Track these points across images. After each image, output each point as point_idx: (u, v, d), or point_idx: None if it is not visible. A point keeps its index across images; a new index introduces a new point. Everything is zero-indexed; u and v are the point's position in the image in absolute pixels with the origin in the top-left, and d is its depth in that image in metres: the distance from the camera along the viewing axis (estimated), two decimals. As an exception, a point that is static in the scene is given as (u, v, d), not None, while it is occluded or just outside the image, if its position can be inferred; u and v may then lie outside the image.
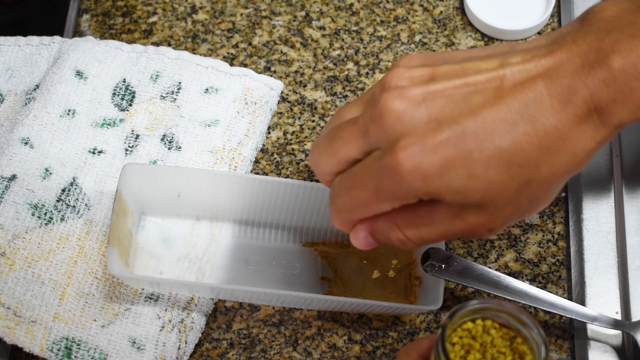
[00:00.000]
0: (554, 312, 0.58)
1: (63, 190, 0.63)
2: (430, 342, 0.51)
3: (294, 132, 0.70)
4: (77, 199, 0.63)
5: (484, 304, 0.47)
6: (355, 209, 0.50)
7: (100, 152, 0.65)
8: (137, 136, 0.66)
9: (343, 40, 0.74)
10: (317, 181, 0.67)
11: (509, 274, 0.63)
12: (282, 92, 0.71)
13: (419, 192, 0.47)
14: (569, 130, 0.46)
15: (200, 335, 0.61)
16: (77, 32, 0.74)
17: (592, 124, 0.46)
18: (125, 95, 0.68)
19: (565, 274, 0.64)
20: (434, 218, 0.49)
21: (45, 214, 0.62)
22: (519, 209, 0.48)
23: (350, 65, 0.73)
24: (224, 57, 0.73)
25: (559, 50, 0.46)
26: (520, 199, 0.47)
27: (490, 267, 0.62)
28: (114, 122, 0.67)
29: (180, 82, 0.68)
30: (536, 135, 0.45)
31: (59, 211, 0.62)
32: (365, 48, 0.73)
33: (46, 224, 0.61)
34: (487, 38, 0.74)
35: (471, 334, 0.48)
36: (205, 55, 0.72)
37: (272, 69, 0.72)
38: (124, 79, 0.68)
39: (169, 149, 0.66)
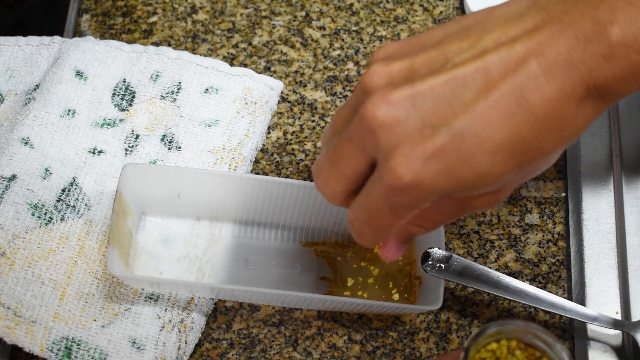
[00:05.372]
0: (554, 312, 0.58)
1: (63, 190, 0.63)
2: (454, 358, 0.50)
3: (294, 132, 0.70)
4: (77, 199, 0.63)
5: (509, 325, 0.46)
6: (382, 233, 0.49)
7: (100, 152, 0.65)
8: (137, 136, 0.66)
9: (343, 40, 0.74)
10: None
11: (509, 274, 0.63)
12: (282, 92, 0.71)
13: (430, 197, 0.45)
14: (569, 109, 0.43)
15: (200, 335, 0.61)
16: (77, 32, 0.74)
17: (591, 99, 0.43)
18: (125, 95, 0.68)
19: (565, 274, 0.64)
20: (444, 208, 0.49)
21: (45, 214, 0.62)
22: (521, 181, 0.48)
23: (350, 65, 0.73)
24: (224, 57, 0.73)
25: (548, 22, 0.43)
26: (523, 175, 0.47)
27: (490, 267, 0.62)
28: (114, 122, 0.66)
29: (180, 82, 0.68)
30: (536, 121, 0.43)
31: (59, 211, 0.62)
32: (365, 48, 0.73)
33: (46, 224, 0.61)
34: (487, 38, 0.74)
35: (495, 355, 0.47)
36: (205, 55, 0.72)
37: (272, 69, 0.72)
38: (124, 79, 0.68)
39: (169, 149, 0.66)
